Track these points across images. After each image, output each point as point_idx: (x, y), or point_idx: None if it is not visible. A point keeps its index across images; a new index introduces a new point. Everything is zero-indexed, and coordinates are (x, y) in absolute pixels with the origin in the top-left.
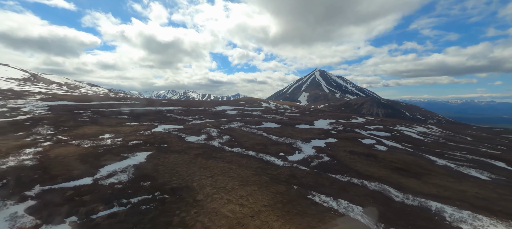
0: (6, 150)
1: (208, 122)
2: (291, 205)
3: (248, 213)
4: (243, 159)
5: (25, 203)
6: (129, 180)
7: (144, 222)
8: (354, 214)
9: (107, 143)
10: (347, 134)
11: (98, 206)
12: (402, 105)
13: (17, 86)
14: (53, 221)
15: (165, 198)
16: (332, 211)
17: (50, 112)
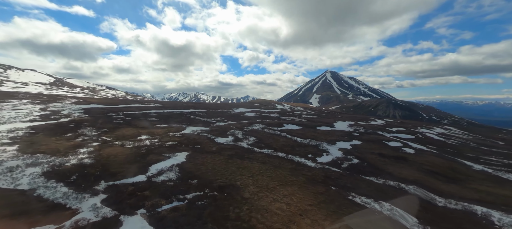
0: (64, 150)
1: (231, 124)
2: (335, 205)
3: (295, 211)
4: (275, 160)
5: (99, 196)
6: (177, 178)
7: (204, 216)
8: (398, 217)
9: (147, 144)
10: (370, 136)
11: (160, 200)
12: (419, 106)
13: (45, 90)
14: (127, 212)
15: (215, 195)
16: (376, 213)
17: (87, 114)
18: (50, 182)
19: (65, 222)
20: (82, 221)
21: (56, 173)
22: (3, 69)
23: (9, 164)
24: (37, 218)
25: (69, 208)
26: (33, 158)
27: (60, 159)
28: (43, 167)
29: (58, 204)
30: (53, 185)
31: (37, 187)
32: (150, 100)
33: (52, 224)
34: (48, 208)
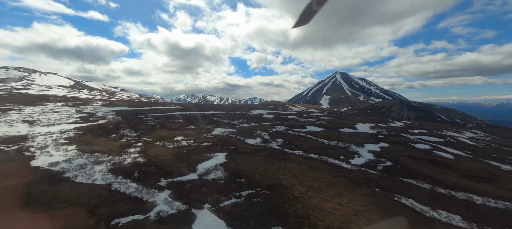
0: (116, 149)
1: (253, 125)
2: (385, 206)
3: (349, 211)
4: (310, 161)
5: (165, 191)
6: (226, 177)
7: (265, 212)
8: (446, 218)
9: (185, 145)
10: (395, 138)
11: (220, 197)
12: (436, 108)
13: (68, 92)
14: (195, 206)
15: (267, 193)
16: (427, 214)
17: (119, 116)
18: (119, 178)
19: (149, 213)
20: (163, 213)
21: (119, 170)
22: (28, 73)
23: (77, 162)
24: (123, 209)
25: (146, 201)
26: (94, 156)
27: (117, 158)
28: (107, 165)
29: (135, 197)
30: (123, 181)
31: (111, 183)
32: (170, 102)
33: (139, 214)
34: (129, 200)
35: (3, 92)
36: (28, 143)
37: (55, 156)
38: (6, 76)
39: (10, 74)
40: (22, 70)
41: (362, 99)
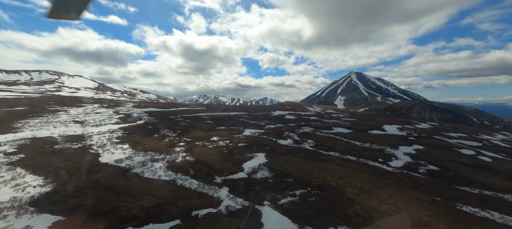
0: (164, 148)
1: (280, 126)
2: (452, 216)
3: (400, 205)
4: (350, 163)
5: (224, 188)
6: (273, 176)
7: (324, 211)
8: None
9: (223, 145)
10: (429, 141)
11: (276, 195)
12: (467, 109)
13: (95, 94)
14: (257, 203)
15: (319, 193)
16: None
17: (152, 117)
18: (179, 175)
19: (220, 207)
20: (231, 207)
21: (175, 167)
22: (57, 76)
23: (137, 159)
24: (197, 202)
25: (212, 196)
26: (148, 155)
27: (169, 156)
28: (163, 163)
29: (201, 193)
30: (184, 178)
31: (174, 179)
32: (194, 103)
33: (211, 207)
34: (197, 195)
35: (42, 94)
36: (88, 142)
37: (116, 154)
38: (39, 78)
39: (42, 77)
40: (52, 73)
41: (379, 100)
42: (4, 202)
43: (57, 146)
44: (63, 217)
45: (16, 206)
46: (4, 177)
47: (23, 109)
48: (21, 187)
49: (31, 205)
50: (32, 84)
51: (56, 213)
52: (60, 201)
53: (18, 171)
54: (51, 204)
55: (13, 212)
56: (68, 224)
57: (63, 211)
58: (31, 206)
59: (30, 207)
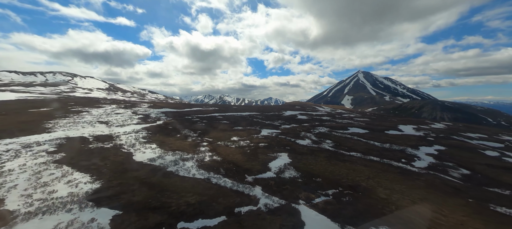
0: (189, 148)
1: (294, 126)
2: (486, 216)
3: (433, 206)
4: (374, 163)
5: (257, 187)
6: (300, 176)
7: (361, 211)
8: None
9: (244, 145)
10: (449, 141)
11: (309, 194)
12: (478, 109)
13: (107, 95)
14: (292, 202)
15: (351, 193)
16: None
17: (170, 118)
18: (211, 174)
19: (259, 205)
20: (269, 205)
21: (205, 166)
22: (71, 77)
23: (168, 158)
24: (236, 200)
25: (249, 194)
26: (177, 154)
27: (196, 156)
28: (193, 162)
29: (237, 191)
30: (217, 176)
31: (209, 177)
32: (206, 103)
33: (251, 205)
34: (234, 193)
35: (60, 96)
36: (118, 141)
37: (147, 153)
38: (54, 80)
39: (57, 78)
40: (65, 75)
41: (388, 99)
42: (64, 197)
43: (91, 145)
44: (120, 211)
45: (76, 201)
46: (55, 174)
47: (48, 109)
48: (74, 184)
49: (89, 200)
50: (48, 85)
51: (113, 207)
52: (113, 197)
53: (65, 168)
54: (106, 199)
55: (76, 206)
56: (126, 217)
57: (118, 206)
58: (89, 201)
59: (89, 202)
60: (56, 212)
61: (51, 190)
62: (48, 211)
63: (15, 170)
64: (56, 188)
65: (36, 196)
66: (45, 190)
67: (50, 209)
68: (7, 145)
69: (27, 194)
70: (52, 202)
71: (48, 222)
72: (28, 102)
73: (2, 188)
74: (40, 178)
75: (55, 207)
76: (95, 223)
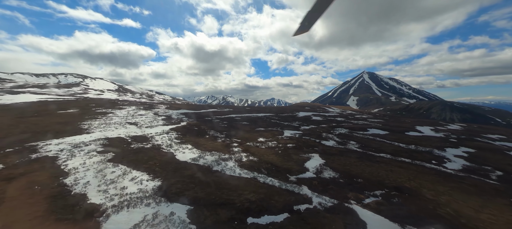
0: (222, 149)
1: (313, 127)
2: None
3: (481, 207)
4: (407, 164)
5: (303, 186)
6: (339, 176)
7: (415, 211)
8: None
9: (272, 145)
10: (476, 143)
11: (357, 194)
12: (486, 109)
13: (118, 96)
14: (344, 201)
15: (397, 194)
16: None
17: (191, 119)
18: (254, 173)
19: (314, 204)
20: (323, 204)
21: (246, 166)
22: (82, 79)
23: (208, 158)
24: (291, 198)
25: (299, 193)
26: (214, 154)
27: (233, 156)
28: (233, 162)
29: (287, 190)
30: (261, 175)
31: (254, 176)
32: (221, 105)
33: (307, 204)
34: (286, 192)
35: (75, 97)
36: (154, 142)
37: (187, 153)
38: (66, 81)
39: (68, 80)
40: (76, 76)
41: (394, 100)
42: (136, 193)
43: (133, 145)
44: (191, 206)
45: (148, 196)
46: (116, 172)
47: (75, 111)
48: (137, 181)
49: (159, 196)
50: (61, 87)
51: (183, 202)
52: (179, 193)
53: (121, 167)
54: (173, 195)
55: (150, 200)
56: (199, 212)
57: (187, 201)
58: (160, 196)
59: (160, 197)
60: (138, 206)
61: (121, 187)
62: (130, 205)
63: (79, 169)
64: (124, 185)
65: (111, 192)
66: (116, 186)
67: (130, 203)
68: (58, 146)
69: (103, 190)
70: (128, 197)
71: (135, 214)
72: (51, 104)
73: (78, 184)
74: (105, 175)
75: (134, 202)
76: (176, 216)
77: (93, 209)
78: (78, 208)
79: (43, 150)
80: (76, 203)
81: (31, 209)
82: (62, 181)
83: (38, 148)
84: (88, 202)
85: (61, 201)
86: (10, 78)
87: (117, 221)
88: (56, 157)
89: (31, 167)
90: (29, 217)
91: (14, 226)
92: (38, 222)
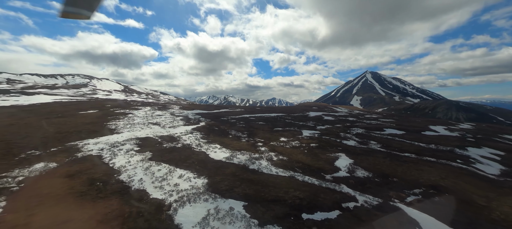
0: (251, 148)
1: (329, 127)
2: None
3: None
4: (435, 164)
5: (342, 185)
6: (373, 175)
7: (463, 211)
8: None
9: (296, 145)
10: (499, 144)
11: (399, 193)
12: (488, 108)
13: (125, 96)
14: (388, 200)
15: (435, 193)
16: None
17: (208, 119)
18: (290, 172)
19: (360, 202)
20: (368, 202)
21: (281, 165)
22: (89, 79)
23: (241, 157)
24: (337, 196)
25: (341, 191)
26: (244, 153)
27: (263, 155)
28: (266, 161)
29: (328, 188)
30: (298, 174)
31: (292, 175)
32: (233, 105)
33: (353, 202)
34: (328, 190)
35: (87, 97)
36: (183, 141)
37: (218, 153)
38: (74, 82)
39: (76, 81)
40: (83, 77)
41: (397, 99)
42: (189, 189)
43: (165, 145)
44: (245, 202)
45: (202, 192)
46: (162, 170)
47: (94, 112)
48: (186, 178)
49: (212, 192)
50: (71, 88)
51: (236, 198)
52: (229, 190)
53: (164, 165)
54: (224, 192)
55: (206, 196)
56: (255, 207)
57: (239, 197)
58: (213, 192)
59: (214, 193)
60: (197, 201)
61: (173, 183)
62: (190, 200)
63: (127, 167)
64: (176, 182)
65: (167, 188)
66: (169, 183)
67: (189, 198)
68: (96, 145)
69: (158, 186)
70: (185, 193)
71: (199, 209)
72: (69, 105)
73: (133, 181)
74: (153, 173)
75: (192, 197)
76: (236, 211)
77: (159, 203)
78: (145, 203)
79: (85, 149)
80: (141, 198)
81: (107, 203)
82: (118, 178)
83: (79, 147)
84: (150, 197)
85: (126, 196)
86: (20, 79)
87: (185, 215)
88: (100, 156)
89: (84, 165)
90: (107, 210)
91: (107, 217)
92: (116, 213)
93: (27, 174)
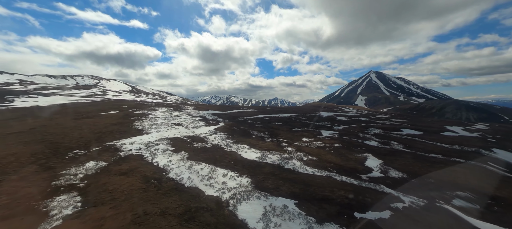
0: (278, 149)
1: (345, 128)
2: None
3: None
4: (465, 165)
5: (381, 185)
6: (407, 176)
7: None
8: None
9: (320, 145)
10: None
11: (441, 194)
12: (497, 108)
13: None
14: (431, 200)
15: (479, 197)
16: None
17: (226, 120)
18: (324, 172)
19: (405, 203)
20: (415, 203)
21: (313, 165)
22: (97, 80)
23: (272, 157)
24: (384, 197)
25: (383, 192)
26: (274, 154)
27: (292, 155)
28: (297, 161)
29: (369, 188)
30: (334, 174)
31: (329, 175)
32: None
33: (399, 202)
34: (371, 190)
35: (100, 98)
36: (210, 141)
37: (249, 153)
38: (83, 82)
39: (85, 81)
40: (92, 78)
41: (402, 99)
42: (237, 187)
43: (196, 145)
44: (295, 200)
45: (251, 190)
46: (205, 169)
47: (115, 112)
48: (230, 177)
49: (259, 189)
50: (81, 88)
51: (286, 196)
52: (276, 188)
53: (204, 164)
54: (272, 190)
55: (257, 194)
56: (307, 205)
57: (288, 195)
58: (261, 190)
59: (263, 191)
60: (251, 199)
61: (220, 182)
62: (244, 198)
63: (171, 165)
64: (222, 180)
65: (217, 186)
66: (216, 181)
67: (242, 196)
68: (132, 145)
69: (208, 184)
70: (236, 190)
71: (255, 206)
72: (88, 106)
73: (182, 179)
74: (198, 172)
75: (244, 195)
76: (290, 208)
77: (217, 200)
78: (204, 199)
79: (124, 149)
80: (198, 195)
81: (170, 199)
82: (168, 176)
83: (117, 147)
84: (205, 194)
85: (183, 193)
86: (31, 80)
87: (245, 211)
88: (141, 155)
89: (131, 164)
90: (174, 205)
91: (176, 211)
92: (184, 209)
93: (84, 172)
